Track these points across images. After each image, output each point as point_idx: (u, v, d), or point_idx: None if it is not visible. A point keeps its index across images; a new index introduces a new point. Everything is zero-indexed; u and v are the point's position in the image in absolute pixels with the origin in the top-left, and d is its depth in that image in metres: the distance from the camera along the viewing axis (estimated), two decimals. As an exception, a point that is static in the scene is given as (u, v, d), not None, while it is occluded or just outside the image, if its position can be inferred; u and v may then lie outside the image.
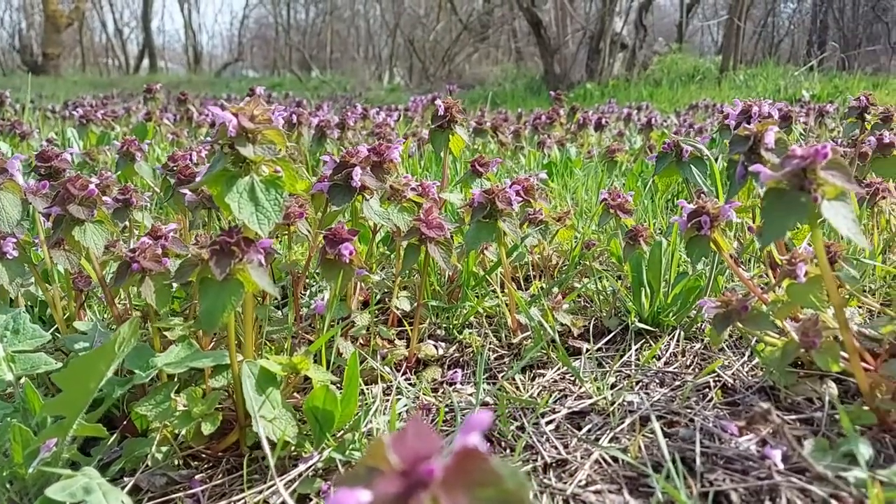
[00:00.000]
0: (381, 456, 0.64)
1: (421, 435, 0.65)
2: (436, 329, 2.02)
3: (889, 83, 18.12)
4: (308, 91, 18.62)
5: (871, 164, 2.60)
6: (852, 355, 1.40)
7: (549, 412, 1.61)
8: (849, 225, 1.28)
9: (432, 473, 0.62)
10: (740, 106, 2.09)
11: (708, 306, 1.61)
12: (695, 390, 1.67)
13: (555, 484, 1.37)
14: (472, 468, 0.64)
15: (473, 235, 1.83)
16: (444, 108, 2.21)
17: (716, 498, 1.30)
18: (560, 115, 5.34)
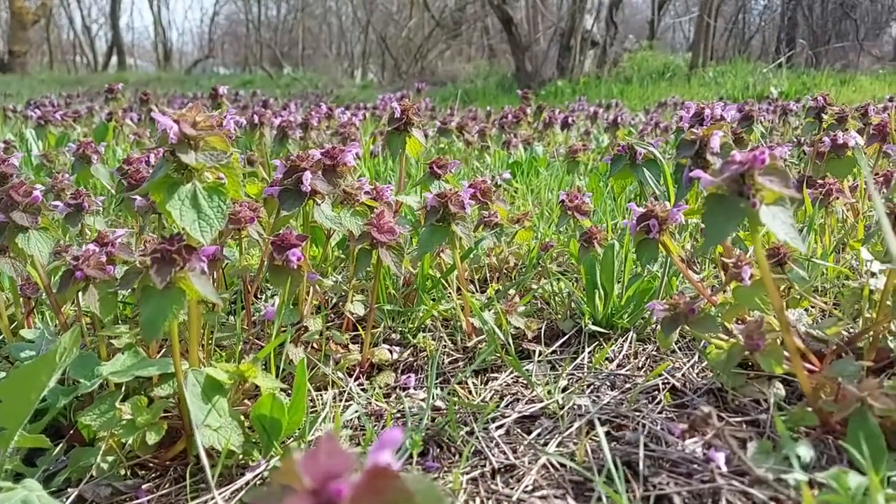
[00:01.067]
0: (293, 474, 0.64)
1: (332, 453, 0.65)
2: (391, 333, 2.02)
3: (856, 80, 18.39)
4: (279, 89, 18.49)
5: (826, 164, 2.64)
6: (794, 357, 1.42)
7: (500, 416, 1.61)
8: (786, 229, 1.30)
9: (341, 493, 0.62)
10: (693, 109, 2.11)
11: (657, 309, 1.62)
12: (644, 393, 1.69)
13: (501, 490, 1.37)
14: (382, 486, 0.64)
15: (426, 239, 1.83)
16: (401, 111, 2.20)
17: (659, 501, 1.31)
18: (527, 114, 5.35)
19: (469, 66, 23.00)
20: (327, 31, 35.32)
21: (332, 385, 1.75)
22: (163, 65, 34.96)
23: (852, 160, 2.55)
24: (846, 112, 2.79)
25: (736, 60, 17.57)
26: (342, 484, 0.63)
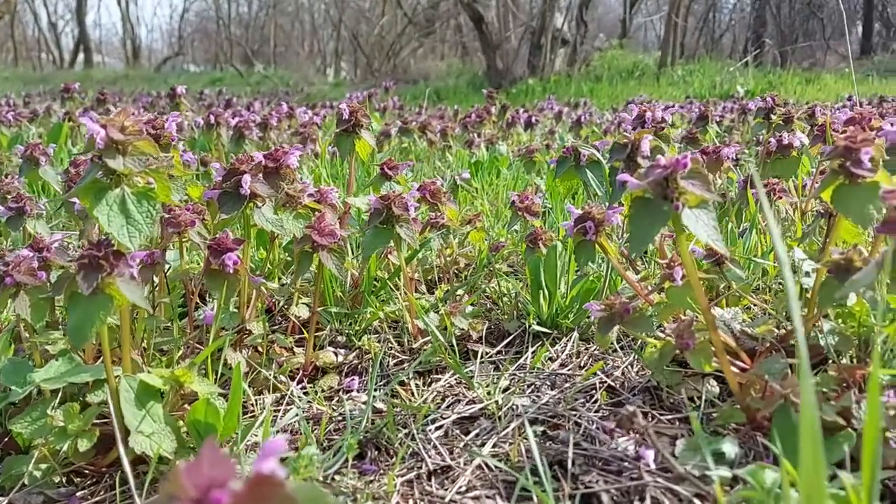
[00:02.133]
0: (178, 483, 0.65)
1: (215, 462, 0.65)
2: (337, 336, 2.02)
3: (822, 79, 18.65)
4: (249, 87, 18.36)
5: (771, 164, 2.68)
6: (721, 355, 1.45)
7: (440, 418, 1.63)
8: (709, 231, 1.32)
9: (221, 502, 0.63)
10: (636, 111, 2.13)
11: (594, 309, 1.64)
12: (583, 392, 1.71)
13: (435, 491, 1.39)
14: (266, 494, 0.65)
15: (370, 241, 1.83)
16: (349, 112, 2.20)
17: (588, 499, 1.33)
18: (491, 113, 5.37)
19: (442, 64, 23.00)
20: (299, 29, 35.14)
21: (275, 389, 1.76)
22: (131, 62, 34.54)
23: (797, 160, 2.59)
24: (792, 113, 2.83)
25: (704, 59, 17.74)
26: (223, 493, 0.64)
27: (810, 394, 0.80)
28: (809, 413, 0.80)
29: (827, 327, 1.71)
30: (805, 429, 0.80)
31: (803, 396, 0.80)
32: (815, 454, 0.80)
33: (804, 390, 0.80)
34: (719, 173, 2.85)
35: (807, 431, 0.80)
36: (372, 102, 7.36)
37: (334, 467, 1.45)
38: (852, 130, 1.54)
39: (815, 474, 0.80)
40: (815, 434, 0.80)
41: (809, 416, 0.80)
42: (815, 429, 0.80)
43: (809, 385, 0.81)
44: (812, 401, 0.80)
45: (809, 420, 0.80)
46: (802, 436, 0.81)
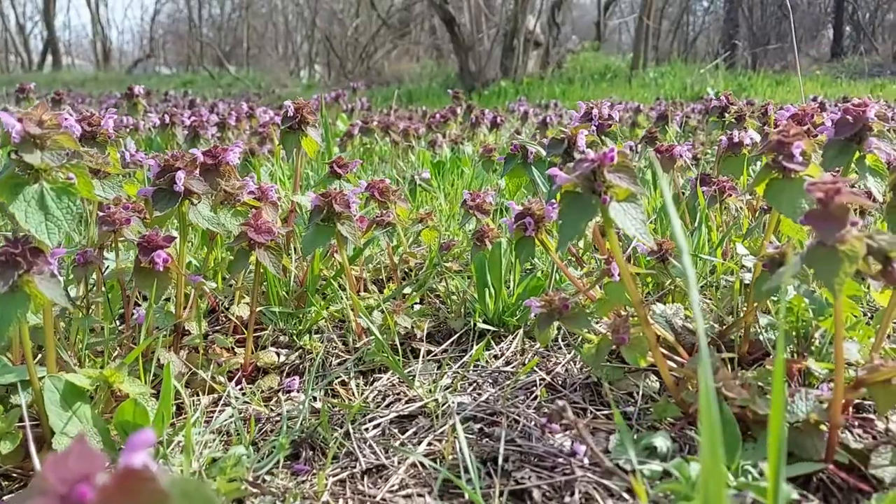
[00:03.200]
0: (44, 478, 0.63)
1: (82, 456, 0.63)
2: (279, 335, 2.00)
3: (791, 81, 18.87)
4: (220, 88, 18.22)
5: (723, 162, 2.70)
6: (654, 350, 1.45)
7: (378, 416, 1.61)
8: (637, 226, 1.32)
9: (85, 495, 0.61)
10: (583, 108, 2.13)
11: (534, 306, 1.63)
12: (524, 389, 1.70)
13: (367, 490, 1.37)
14: (134, 488, 0.63)
15: (310, 239, 1.81)
16: (294, 110, 2.18)
17: (519, 495, 1.32)
18: (457, 113, 5.36)
19: (416, 66, 22.98)
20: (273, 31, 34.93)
21: (213, 390, 1.73)
22: (102, 64, 34.13)
23: (748, 158, 2.60)
24: (744, 112, 2.86)
25: (675, 62, 17.88)
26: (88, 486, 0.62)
27: (709, 384, 0.80)
28: (708, 404, 0.79)
29: (764, 321, 1.72)
30: (704, 418, 0.80)
31: (701, 388, 0.80)
32: (713, 446, 0.79)
33: (702, 381, 0.80)
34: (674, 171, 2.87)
35: (706, 421, 0.80)
36: (340, 104, 7.33)
37: (266, 468, 1.43)
38: (785, 125, 1.55)
39: (714, 466, 0.80)
40: (713, 425, 0.79)
41: (708, 408, 0.79)
42: (713, 420, 0.79)
43: (708, 377, 0.81)
44: (711, 393, 0.80)
45: (707, 411, 0.79)
46: (702, 427, 0.80)
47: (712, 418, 0.79)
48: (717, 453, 0.79)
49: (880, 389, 1.37)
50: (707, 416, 0.80)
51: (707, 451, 0.80)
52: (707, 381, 0.80)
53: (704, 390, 0.80)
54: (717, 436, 0.79)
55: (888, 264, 1.24)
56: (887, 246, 1.23)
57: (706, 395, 0.80)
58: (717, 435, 0.79)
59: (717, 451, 0.79)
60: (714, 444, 0.79)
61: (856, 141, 1.78)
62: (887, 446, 1.41)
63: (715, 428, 0.79)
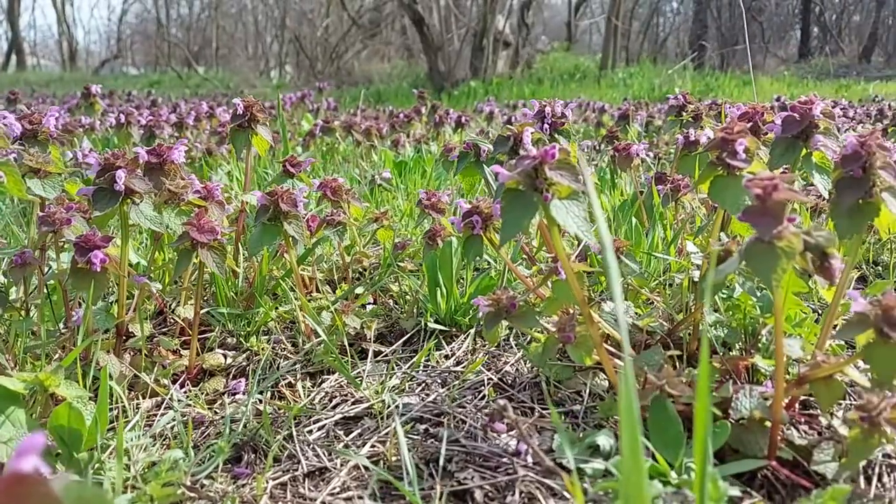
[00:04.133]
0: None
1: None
2: (227, 337, 1.96)
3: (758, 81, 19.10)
4: (188, 89, 18.03)
5: (679, 160, 2.71)
6: (599, 349, 1.44)
7: (323, 418, 1.58)
8: (578, 223, 1.31)
9: (-34, 505, 0.58)
10: (537, 107, 2.12)
11: (481, 304, 1.62)
12: (472, 389, 1.68)
13: (308, 493, 1.35)
14: (23, 493, 0.60)
15: (256, 239, 1.78)
16: (244, 107, 2.15)
17: (461, 496, 1.30)
18: (421, 113, 5.34)
19: (387, 67, 22.92)
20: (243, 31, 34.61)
21: (156, 393, 1.69)
22: (68, 65, 33.60)
23: (703, 156, 2.61)
24: (701, 110, 2.87)
25: (644, 62, 18.03)
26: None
27: (630, 384, 0.79)
28: (629, 404, 0.78)
29: (711, 319, 1.72)
30: (624, 418, 0.79)
31: (621, 388, 0.79)
32: (633, 446, 0.78)
33: (622, 383, 0.79)
34: (630, 169, 2.88)
35: (625, 421, 0.79)
36: (306, 103, 7.27)
37: (206, 471, 1.40)
38: (730, 122, 1.55)
39: (634, 466, 0.79)
40: (633, 425, 0.78)
41: (628, 408, 0.78)
42: (633, 420, 0.78)
43: (630, 376, 0.80)
44: (631, 387, 0.79)
45: (628, 410, 0.78)
46: (623, 427, 0.79)
47: (632, 418, 0.78)
48: (638, 454, 0.78)
49: (822, 386, 1.37)
50: (627, 416, 0.79)
51: (627, 452, 0.79)
52: (629, 381, 0.79)
53: (624, 390, 0.79)
54: (636, 436, 0.78)
55: (825, 260, 1.24)
56: (824, 242, 1.23)
57: (627, 394, 0.79)
58: (636, 435, 0.78)
59: (637, 452, 0.78)
60: (634, 445, 0.78)
61: (802, 138, 1.79)
62: (829, 442, 1.42)
63: (634, 428, 0.78)
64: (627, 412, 0.78)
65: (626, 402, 0.77)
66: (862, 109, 7.46)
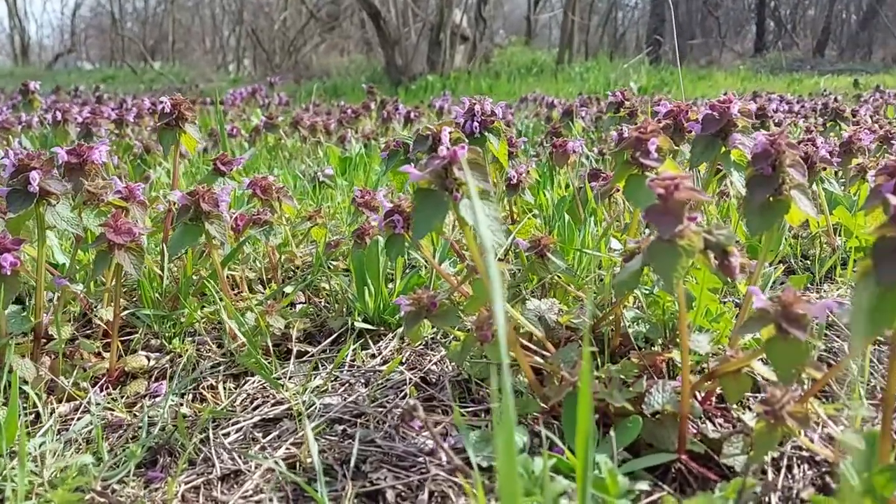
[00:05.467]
0: None
1: None
2: (151, 339, 1.94)
3: (713, 76, 19.38)
4: (143, 84, 17.73)
5: (614, 157, 2.73)
6: (514, 346, 1.45)
7: (242, 420, 1.57)
8: (489, 222, 1.32)
9: None
10: (467, 104, 2.13)
11: (403, 304, 1.62)
12: (394, 388, 1.69)
13: (220, 496, 1.34)
14: None
15: (177, 239, 1.76)
16: (171, 105, 2.12)
17: (373, 497, 1.31)
18: (371, 108, 5.32)
19: (345, 61, 22.79)
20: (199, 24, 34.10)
21: (76, 396, 1.67)
22: (20, 59, 32.77)
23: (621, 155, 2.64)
24: (636, 107, 2.90)
25: (601, 56, 18.18)
26: None
27: (506, 383, 0.80)
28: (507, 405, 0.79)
29: (630, 315, 1.75)
30: (503, 418, 0.79)
31: (502, 379, 0.79)
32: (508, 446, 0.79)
33: (503, 372, 0.79)
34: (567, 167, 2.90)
35: (504, 420, 0.79)
36: (257, 98, 7.19)
37: (118, 476, 1.38)
38: (643, 121, 1.57)
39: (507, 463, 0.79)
40: (510, 424, 0.79)
41: (507, 408, 0.79)
42: (509, 420, 0.79)
43: (506, 373, 0.80)
44: (507, 384, 0.79)
45: (507, 411, 0.79)
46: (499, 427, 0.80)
47: (509, 418, 0.79)
48: (512, 457, 0.79)
49: (730, 380, 1.40)
50: (506, 416, 0.79)
51: (503, 454, 0.79)
52: (505, 380, 0.80)
53: (505, 389, 0.79)
54: (511, 436, 0.79)
55: (725, 258, 1.26)
56: (724, 240, 1.26)
57: (506, 395, 0.80)
58: (511, 435, 0.79)
59: (511, 455, 0.79)
60: (509, 444, 0.79)
61: (721, 136, 1.82)
62: (739, 435, 1.45)
63: (510, 427, 0.79)
64: (506, 416, 0.78)
65: (506, 406, 0.78)
66: (810, 104, 7.61)
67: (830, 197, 2.89)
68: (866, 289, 1.05)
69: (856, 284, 1.07)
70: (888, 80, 14.80)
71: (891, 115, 5.93)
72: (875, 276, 1.02)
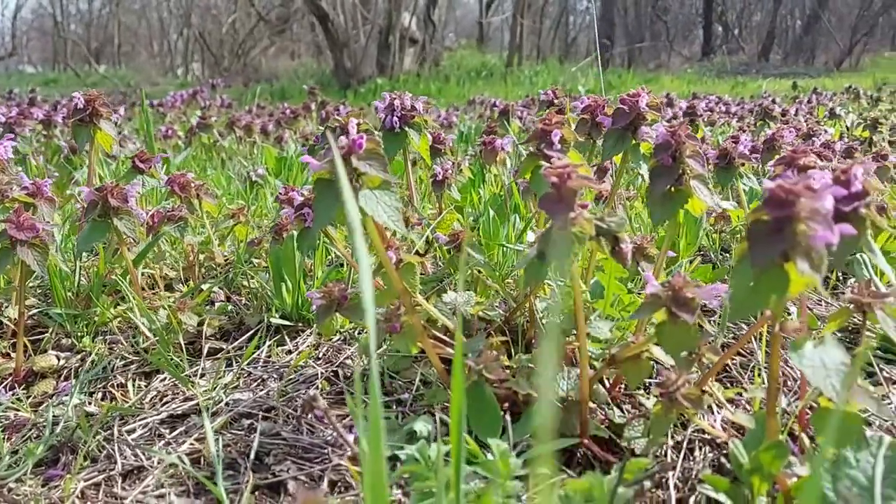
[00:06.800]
0: None
1: None
2: (62, 338, 1.90)
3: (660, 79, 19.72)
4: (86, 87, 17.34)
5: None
6: (422, 338, 1.46)
7: (149, 417, 1.55)
8: (389, 213, 1.33)
9: None
10: (388, 99, 2.14)
11: (314, 298, 1.61)
12: (307, 382, 1.68)
13: (120, 493, 1.32)
14: None
15: (84, 236, 1.73)
16: (85, 102, 2.08)
17: (276, 488, 1.30)
18: (311, 109, 5.29)
19: (294, 64, 22.61)
20: (146, 27, 33.48)
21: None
22: (-43, 62, 31.79)
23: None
24: (565, 105, 2.94)
25: (550, 60, 18.36)
26: None
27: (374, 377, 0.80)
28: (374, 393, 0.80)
29: (541, 305, 1.77)
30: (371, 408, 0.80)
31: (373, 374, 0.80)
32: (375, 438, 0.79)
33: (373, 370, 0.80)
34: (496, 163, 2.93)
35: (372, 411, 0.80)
36: (198, 101, 7.10)
37: (16, 475, 1.35)
38: (548, 114, 1.60)
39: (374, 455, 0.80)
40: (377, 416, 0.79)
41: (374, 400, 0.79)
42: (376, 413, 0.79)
43: (374, 367, 0.81)
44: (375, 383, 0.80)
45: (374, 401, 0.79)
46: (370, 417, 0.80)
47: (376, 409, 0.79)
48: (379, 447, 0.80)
49: (630, 365, 1.43)
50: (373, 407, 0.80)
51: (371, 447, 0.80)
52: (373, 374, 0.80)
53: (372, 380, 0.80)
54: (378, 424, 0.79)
55: (617, 244, 1.29)
56: (615, 227, 1.29)
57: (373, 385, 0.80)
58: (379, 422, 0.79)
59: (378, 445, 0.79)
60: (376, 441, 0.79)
61: (631, 130, 1.85)
62: (640, 419, 1.48)
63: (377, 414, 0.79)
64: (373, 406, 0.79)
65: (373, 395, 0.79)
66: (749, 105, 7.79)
67: (751, 192, 2.97)
68: (742, 271, 1.08)
69: (733, 267, 1.11)
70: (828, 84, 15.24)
71: (821, 115, 6.10)
72: (749, 258, 1.06)
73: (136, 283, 1.83)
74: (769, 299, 1.05)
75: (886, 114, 6.55)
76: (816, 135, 3.57)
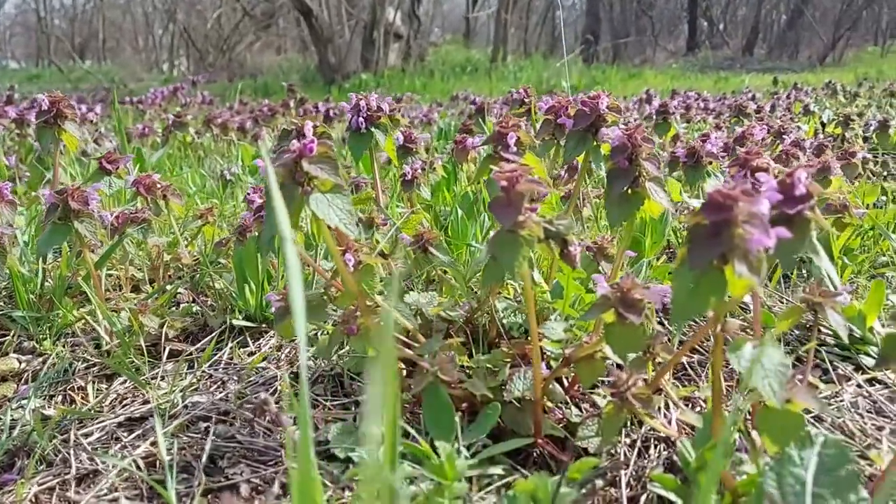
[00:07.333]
0: None
1: None
2: (24, 341, 1.90)
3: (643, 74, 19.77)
4: (70, 83, 17.24)
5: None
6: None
7: (107, 420, 1.55)
8: (341, 216, 1.33)
9: None
10: (354, 100, 2.14)
11: (273, 300, 1.62)
12: (266, 384, 1.69)
13: (74, 497, 1.32)
14: None
15: (45, 239, 1.73)
16: (49, 103, 2.07)
17: (229, 491, 1.31)
18: (290, 106, 5.28)
19: (280, 59, 22.53)
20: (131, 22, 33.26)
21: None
22: (-61, 57, 31.50)
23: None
24: (534, 104, 2.95)
25: (534, 55, 18.37)
26: None
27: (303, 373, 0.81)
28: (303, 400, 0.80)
29: (502, 305, 1.78)
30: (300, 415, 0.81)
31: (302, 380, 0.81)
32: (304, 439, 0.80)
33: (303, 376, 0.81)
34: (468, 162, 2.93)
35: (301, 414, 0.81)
36: (178, 97, 7.07)
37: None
38: (505, 116, 1.60)
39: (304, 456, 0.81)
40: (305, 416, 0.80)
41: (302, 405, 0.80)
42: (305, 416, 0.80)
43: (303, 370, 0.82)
44: (304, 382, 0.81)
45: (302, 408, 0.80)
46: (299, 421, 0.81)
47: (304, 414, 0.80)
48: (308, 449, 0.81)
49: (584, 364, 1.44)
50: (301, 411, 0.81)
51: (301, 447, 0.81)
52: (303, 379, 0.81)
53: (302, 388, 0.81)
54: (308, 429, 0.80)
55: (565, 247, 1.30)
56: (564, 230, 1.30)
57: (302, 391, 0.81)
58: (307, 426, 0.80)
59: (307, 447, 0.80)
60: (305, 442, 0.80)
61: (592, 131, 1.87)
62: (594, 419, 1.49)
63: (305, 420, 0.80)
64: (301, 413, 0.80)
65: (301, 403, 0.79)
66: (728, 101, 7.83)
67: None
68: (683, 274, 1.09)
69: (675, 270, 1.12)
70: (810, 79, 15.33)
71: (797, 110, 6.14)
72: (688, 262, 1.07)
73: (98, 285, 1.83)
74: (708, 301, 1.06)
75: (863, 109, 6.60)
76: (788, 132, 3.59)
